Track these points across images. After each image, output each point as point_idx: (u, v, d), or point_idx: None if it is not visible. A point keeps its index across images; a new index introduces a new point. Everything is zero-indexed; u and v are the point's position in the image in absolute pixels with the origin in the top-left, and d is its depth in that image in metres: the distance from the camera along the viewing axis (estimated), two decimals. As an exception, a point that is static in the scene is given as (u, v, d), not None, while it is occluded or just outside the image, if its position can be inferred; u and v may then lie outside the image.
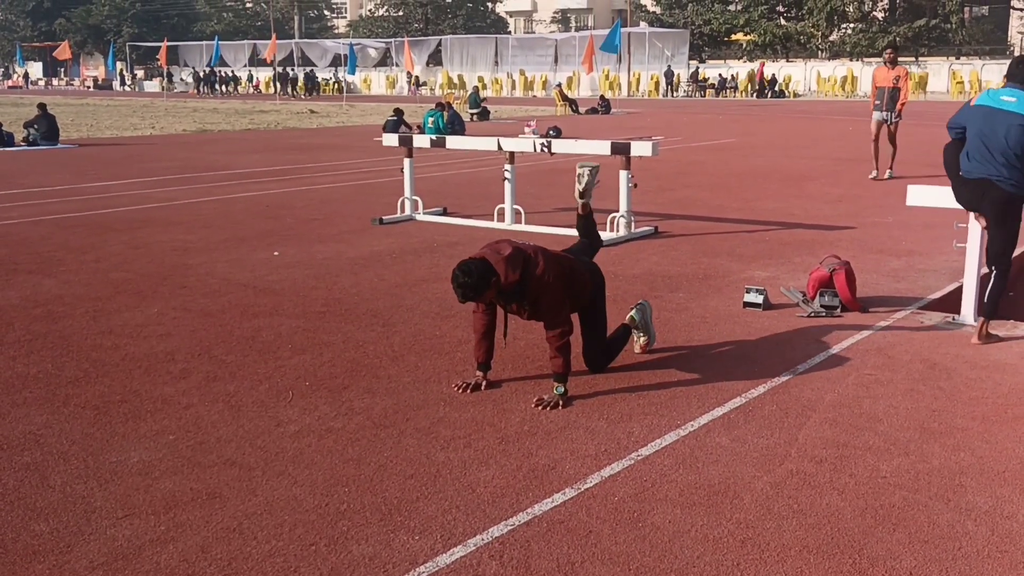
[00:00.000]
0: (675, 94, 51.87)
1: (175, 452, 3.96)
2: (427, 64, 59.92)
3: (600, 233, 5.58)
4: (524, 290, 4.48)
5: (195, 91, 59.76)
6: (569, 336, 4.57)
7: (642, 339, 5.34)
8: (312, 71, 56.72)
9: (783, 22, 59.50)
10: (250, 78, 64.18)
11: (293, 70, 55.73)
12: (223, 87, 60.58)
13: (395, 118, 21.75)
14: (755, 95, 49.24)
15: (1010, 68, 5.67)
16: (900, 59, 15.39)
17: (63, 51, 55.64)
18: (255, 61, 63.61)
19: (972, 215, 5.81)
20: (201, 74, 62.06)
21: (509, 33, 74.46)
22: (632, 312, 5.32)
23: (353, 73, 48.25)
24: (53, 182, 13.67)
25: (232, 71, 63.95)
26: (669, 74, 52.37)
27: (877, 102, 13.97)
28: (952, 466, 3.83)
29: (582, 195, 5.39)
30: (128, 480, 3.69)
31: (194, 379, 4.90)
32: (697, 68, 54.23)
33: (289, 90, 53.02)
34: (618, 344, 5.13)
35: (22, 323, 6.00)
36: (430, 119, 21.44)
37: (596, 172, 5.48)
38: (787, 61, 56.05)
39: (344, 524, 3.34)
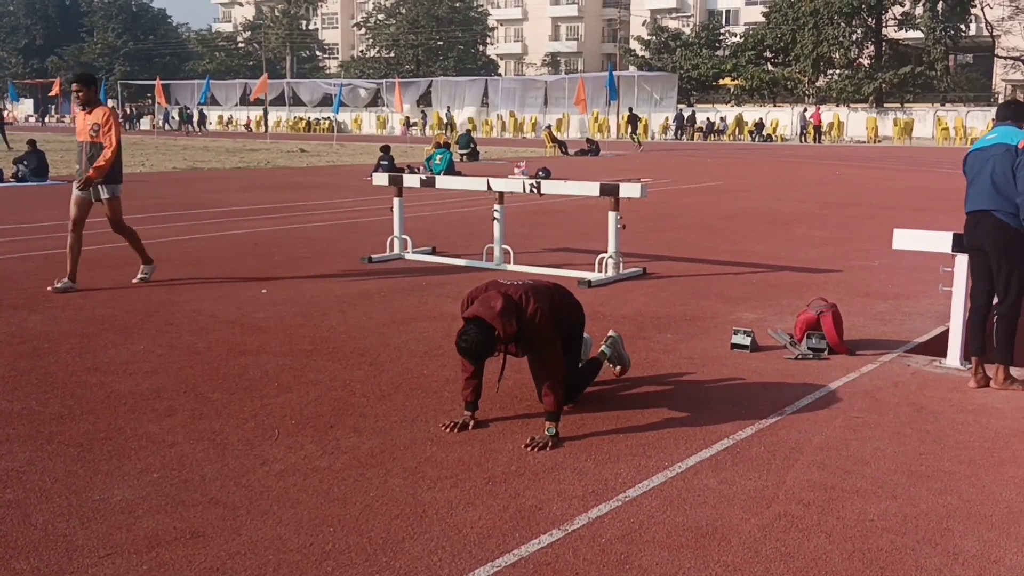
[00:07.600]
0: (664, 137, 52.14)
1: (159, 490, 3.92)
2: (418, 105, 60.29)
3: (589, 276, 5.64)
4: (520, 334, 4.58)
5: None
6: (561, 373, 4.62)
7: (617, 368, 5.59)
8: (191, 109, 60.01)
9: (770, 67, 60.18)
10: (166, 116, 66.17)
11: (188, 109, 60.17)
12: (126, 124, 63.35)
13: (386, 161, 21.88)
14: (814, 140, 46.76)
15: (996, 111, 6.13)
16: (887, 105, 13.37)
17: (57, 87, 56.42)
18: (244, 100, 64.13)
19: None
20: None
21: (500, 75, 75.06)
22: (603, 347, 5.52)
23: (337, 112, 48.60)
24: (41, 218, 13.63)
25: (132, 108, 67.27)
26: (680, 118, 52.42)
27: (78, 166, 8.35)
28: (939, 510, 3.83)
29: (611, 361, 5.55)
30: (111, 518, 3.65)
31: (179, 417, 4.87)
32: (693, 112, 54.37)
33: (190, 127, 57.85)
34: (590, 376, 5.27)
35: (6, 359, 5.96)
36: (438, 156, 21.81)
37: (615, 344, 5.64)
38: (774, 106, 56.60)
39: (329, 564, 3.31)
